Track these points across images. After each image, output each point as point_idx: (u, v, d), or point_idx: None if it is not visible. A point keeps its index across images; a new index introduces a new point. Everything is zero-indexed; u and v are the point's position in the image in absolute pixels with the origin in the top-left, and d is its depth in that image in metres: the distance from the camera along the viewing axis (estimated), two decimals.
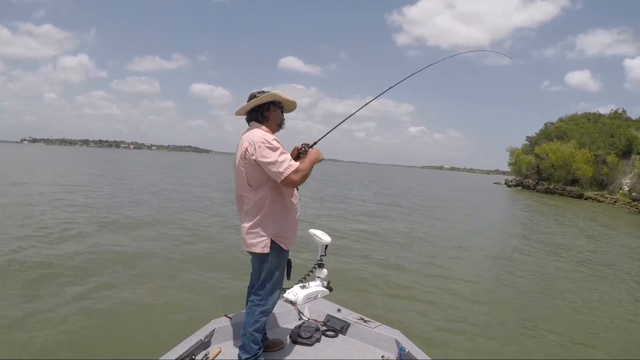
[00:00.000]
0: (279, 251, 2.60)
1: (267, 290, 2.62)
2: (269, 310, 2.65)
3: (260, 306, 2.60)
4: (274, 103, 2.67)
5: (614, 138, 47.36)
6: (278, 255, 2.61)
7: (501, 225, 17.49)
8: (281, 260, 2.65)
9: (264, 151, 2.43)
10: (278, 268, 2.64)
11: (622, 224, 23.08)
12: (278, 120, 2.71)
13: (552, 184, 52.00)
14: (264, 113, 2.64)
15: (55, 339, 4.29)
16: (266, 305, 2.62)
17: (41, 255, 7.05)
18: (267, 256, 2.57)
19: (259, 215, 2.54)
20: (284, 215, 2.60)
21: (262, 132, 2.56)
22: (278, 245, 2.58)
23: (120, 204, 13.72)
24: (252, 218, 2.56)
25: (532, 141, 64.12)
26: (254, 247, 2.56)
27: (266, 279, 2.61)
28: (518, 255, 10.30)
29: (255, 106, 2.65)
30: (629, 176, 42.27)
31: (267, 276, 2.60)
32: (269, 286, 2.62)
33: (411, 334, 3.36)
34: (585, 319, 6.21)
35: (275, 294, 2.66)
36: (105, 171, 31.93)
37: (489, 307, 6.40)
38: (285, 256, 2.69)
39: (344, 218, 14.82)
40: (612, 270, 9.78)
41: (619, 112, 58.79)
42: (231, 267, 7.19)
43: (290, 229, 2.65)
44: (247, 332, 2.57)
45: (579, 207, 33.03)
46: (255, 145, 2.45)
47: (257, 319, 2.59)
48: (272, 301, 2.65)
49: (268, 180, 2.51)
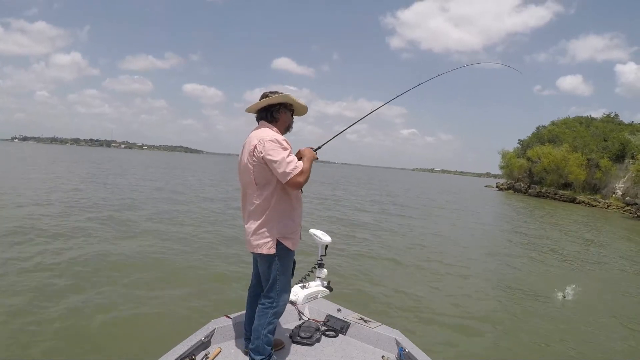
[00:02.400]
0: (286, 251, 2.58)
1: (277, 292, 2.60)
2: (280, 311, 2.65)
3: (272, 308, 2.60)
4: (285, 105, 2.66)
5: (606, 142, 47.39)
6: (285, 256, 2.59)
7: (499, 227, 17.60)
8: (288, 261, 2.63)
9: (273, 150, 2.42)
10: (286, 269, 2.62)
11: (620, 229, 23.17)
12: (287, 123, 2.70)
13: (544, 187, 51.92)
14: (274, 114, 2.63)
15: (56, 338, 4.27)
16: (278, 306, 2.62)
17: (44, 254, 7.03)
18: (274, 257, 2.55)
19: (264, 216, 2.51)
20: (289, 216, 2.57)
21: (272, 132, 2.55)
22: (284, 245, 2.55)
23: (122, 205, 13.66)
24: (258, 218, 2.53)
25: (524, 144, 64.06)
26: (259, 248, 2.53)
27: (275, 281, 2.59)
28: (517, 256, 10.34)
29: (266, 105, 2.63)
30: (622, 180, 42.26)
31: (276, 278, 2.59)
32: (279, 287, 2.60)
33: (411, 334, 3.35)
34: (591, 323, 6.20)
35: (285, 295, 2.66)
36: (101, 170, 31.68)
37: (488, 307, 6.41)
38: (291, 256, 2.66)
39: (344, 218, 14.83)
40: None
41: (611, 116, 58.77)
42: (232, 267, 7.18)
43: (296, 229, 2.63)
44: (261, 335, 2.56)
45: (571, 211, 33.13)
46: (265, 143, 2.44)
47: (270, 321, 2.59)
48: (283, 302, 2.64)
49: (274, 179, 2.49)
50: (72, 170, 30.16)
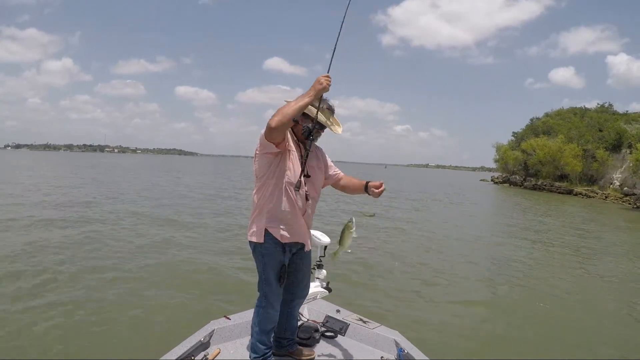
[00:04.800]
0: (273, 242, 2.53)
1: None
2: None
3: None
4: (307, 116, 2.50)
5: (602, 132, 47.25)
6: (271, 248, 2.53)
7: (498, 224, 17.49)
8: (275, 254, 2.54)
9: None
10: (270, 263, 2.55)
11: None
12: (305, 129, 2.51)
13: (540, 180, 51.63)
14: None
15: (55, 338, 4.27)
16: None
17: (47, 258, 6.98)
18: (260, 248, 2.54)
19: (254, 205, 2.57)
20: (279, 209, 2.51)
21: None
22: (272, 235, 2.51)
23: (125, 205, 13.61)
24: (252, 208, 2.59)
25: (518, 137, 63.81)
26: (249, 236, 2.57)
27: (259, 275, 2.62)
28: (517, 257, 10.28)
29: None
30: (620, 170, 42.05)
31: (258, 273, 2.62)
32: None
33: (410, 335, 3.34)
34: (590, 320, 6.19)
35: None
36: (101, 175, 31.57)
37: (488, 307, 6.38)
38: (280, 250, 2.55)
39: (342, 218, 14.74)
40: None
41: (605, 106, 58.61)
42: (232, 267, 7.21)
43: (282, 221, 2.53)
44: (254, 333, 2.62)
45: (570, 204, 32.75)
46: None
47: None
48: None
49: (269, 171, 2.49)
50: (76, 172, 30.14)
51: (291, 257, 2.63)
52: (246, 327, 2.93)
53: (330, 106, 2.60)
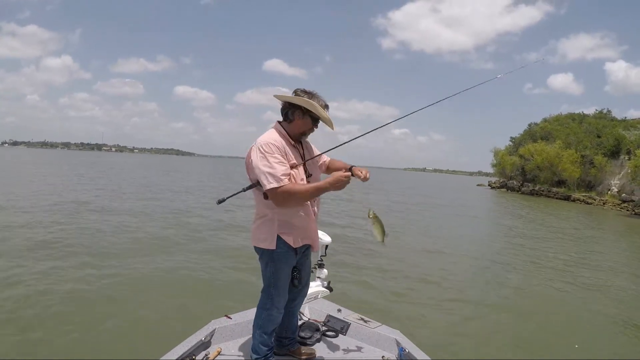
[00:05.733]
0: (285, 247, 2.50)
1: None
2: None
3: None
4: (306, 111, 2.49)
5: (600, 138, 47.14)
6: (283, 253, 2.50)
7: (496, 229, 17.57)
8: (286, 259, 2.53)
9: (255, 154, 2.37)
10: (282, 268, 2.54)
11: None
12: (303, 129, 2.53)
13: (537, 185, 51.67)
14: (290, 114, 2.50)
15: (54, 339, 4.27)
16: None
17: (51, 258, 6.95)
18: (270, 253, 2.49)
19: (261, 211, 2.52)
20: (295, 215, 2.49)
21: (270, 134, 2.47)
22: (284, 241, 2.47)
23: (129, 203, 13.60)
24: (256, 213, 2.55)
25: (516, 142, 63.96)
26: (256, 242, 2.52)
27: (264, 278, 2.60)
28: (518, 258, 10.32)
29: (288, 103, 2.51)
30: (618, 177, 41.94)
31: (264, 276, 2.59)
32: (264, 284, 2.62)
33: (411, 334, 3.34)
34: (589, 322, 6.22)
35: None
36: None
37: (489, 308, 6.39)
38: (292, 254, 2.54)
39: (343, 218, 14.82)
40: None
41: (603, 112, 58.77)
42: (232, 267, 7.23)
43: (295, 227, 2.51)
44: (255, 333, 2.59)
45: (569, 211, 32.66)
46: (254, 147, 2.39)
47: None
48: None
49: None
50: (82, 173, 30.38)
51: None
52: (247, 326, 2.91)
53: (325, 104, 2.59)
